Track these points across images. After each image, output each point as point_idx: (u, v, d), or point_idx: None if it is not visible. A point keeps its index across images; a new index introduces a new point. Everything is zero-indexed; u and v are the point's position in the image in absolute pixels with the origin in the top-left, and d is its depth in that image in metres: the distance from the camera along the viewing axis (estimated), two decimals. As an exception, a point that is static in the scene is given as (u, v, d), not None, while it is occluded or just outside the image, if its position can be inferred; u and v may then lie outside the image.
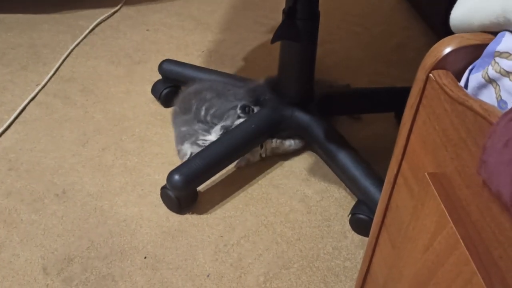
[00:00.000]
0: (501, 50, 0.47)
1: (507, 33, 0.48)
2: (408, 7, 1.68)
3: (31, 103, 1.27)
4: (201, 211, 1.02)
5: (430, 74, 0.52)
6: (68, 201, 1.04)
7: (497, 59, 0.47)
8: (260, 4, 1.69)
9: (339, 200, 1.05)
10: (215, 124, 1.10)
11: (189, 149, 1.07)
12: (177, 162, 1.10)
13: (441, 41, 0.52)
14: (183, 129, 1.11)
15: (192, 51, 1.48)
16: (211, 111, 1.10)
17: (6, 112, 1.24)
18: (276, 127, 1.11)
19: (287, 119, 1.10)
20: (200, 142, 1.07)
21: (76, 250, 0.94)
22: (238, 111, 1.10)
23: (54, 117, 1.24)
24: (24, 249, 0.95)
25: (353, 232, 0.99)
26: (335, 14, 1.64)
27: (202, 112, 1.11)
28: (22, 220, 1.00)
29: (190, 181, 0.99)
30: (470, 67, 0.52)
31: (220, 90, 1.13)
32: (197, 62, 1.41)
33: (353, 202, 1.02)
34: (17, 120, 1.23)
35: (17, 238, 0.97)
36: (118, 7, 1.64)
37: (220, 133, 1.07)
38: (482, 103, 0.45)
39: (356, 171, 0.99)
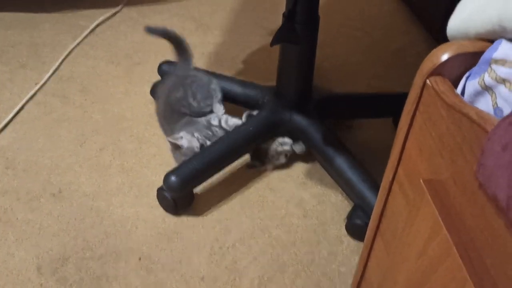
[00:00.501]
0: (497, 57, 0.47)
1: (503, 41, 0.48)
2: (408, 12, 1.68)
3: (29, 102, 1.27)
4: (197, 213, 1.02)
5: (427, 80, 0.52)
6: (64, 200, 1.04)
7: (494, 66, 0.47)
8: (260, 7, 1.69)
9: (336, 205, 1.05)
10: (209, 105, 1.12)
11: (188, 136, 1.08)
12: (174, 163, 1.10)
13: (438, 47, 0.52)
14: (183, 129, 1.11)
15: (192, 52, 1.47)
16: (197, 100, 1.11)
17: (4, 111, 1.24)
18: (274, 130, 1.11)
19: (286, 122, 1.10)
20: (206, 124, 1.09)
21: (71, 250, 0.94)
22: (243, 119, 1.12)
23: (52, 117, 1.24)
24: (19, 248, 0.94)
25: (349, 237, 0.99)
26: (335, 18, 1.64)
27: (193, 104, 1.11)
28: (17, 219, 1.00)
29: (186, 183, 0.99)
30: (467, 74, 0.52)
31: (179, 81, 1.16)
32: (197, 64, 1.40)
33: (350, 207, 1.02)
34: (15, 119, 1.22)
35: (12, 237, 0.96)
36: (119, 7, 1.64)
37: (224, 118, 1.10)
38: (478, 111, 0.45)
39: (353, 176, 0.99)
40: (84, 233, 0.97)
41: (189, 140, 1.05)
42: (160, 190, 1.01)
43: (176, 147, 1.07)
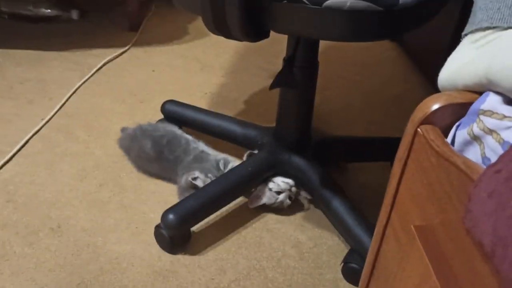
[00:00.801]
0: (485, 109, 0.49)
1: (491, 93, 0.50)
2: (407, 60, 1.72)
3: (34, 137, 1.30)
4: (193, 252, 1.02)
5: (418, 129, 0.54)
6: (62, 235, 1.04)
7: (481, 117, 0.49)
8: (263, 51, 1.74)
9: (332, 248, 1.05)
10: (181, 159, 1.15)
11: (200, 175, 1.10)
12: (173, 201, 1.11)
13: (429, 97, 0.54)
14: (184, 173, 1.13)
15: (195, 92, 1.51)
16: (171, 153, 1.15)
17: (9, 145, 1.26)
18: (272, 171, 1.12)
19: (284, 164, 1.11)
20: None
21: (66, 287, 0.94)
22: (245, 159, 1.14)
23: (55, 151, 1.26)
24: (14, 283, 0.94)
25: (345, 281, 0.99)
26: (335, 63, 1.69)
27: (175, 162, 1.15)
28: (15, 252, 1.00)
29: (184, 221, 1.00)
30: (457, 124, 0.54)
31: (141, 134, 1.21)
32: (199, 103, 1.44)
33: (346, 250, 1.02)
34: (19, 153, 1.24)
35: (8, 270, 0.96)
36: (127, 47, 1.69)
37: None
38: (465, 160, 0.47)
39: (349, 219, 0.99)
40: (80, 269, 0.97)
41: (203, 180, 1.07)
42: (157, 228, 1.02)
43: (191, 185, 1.08)
